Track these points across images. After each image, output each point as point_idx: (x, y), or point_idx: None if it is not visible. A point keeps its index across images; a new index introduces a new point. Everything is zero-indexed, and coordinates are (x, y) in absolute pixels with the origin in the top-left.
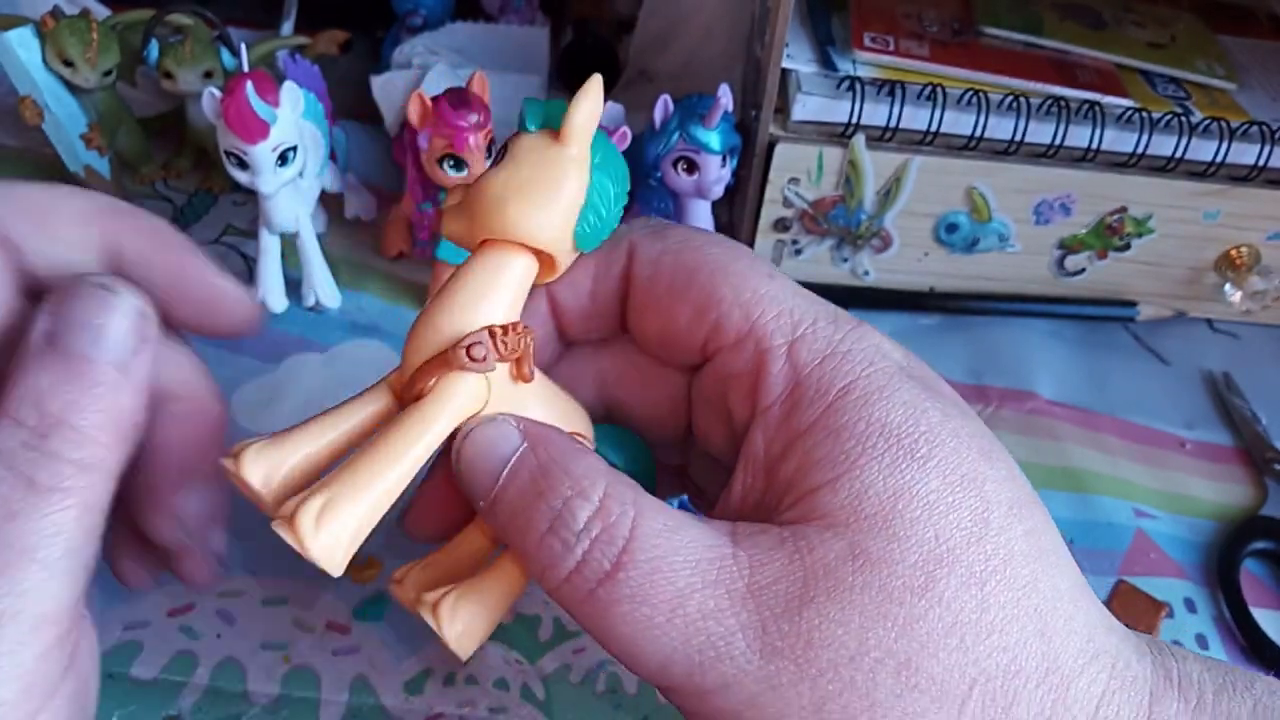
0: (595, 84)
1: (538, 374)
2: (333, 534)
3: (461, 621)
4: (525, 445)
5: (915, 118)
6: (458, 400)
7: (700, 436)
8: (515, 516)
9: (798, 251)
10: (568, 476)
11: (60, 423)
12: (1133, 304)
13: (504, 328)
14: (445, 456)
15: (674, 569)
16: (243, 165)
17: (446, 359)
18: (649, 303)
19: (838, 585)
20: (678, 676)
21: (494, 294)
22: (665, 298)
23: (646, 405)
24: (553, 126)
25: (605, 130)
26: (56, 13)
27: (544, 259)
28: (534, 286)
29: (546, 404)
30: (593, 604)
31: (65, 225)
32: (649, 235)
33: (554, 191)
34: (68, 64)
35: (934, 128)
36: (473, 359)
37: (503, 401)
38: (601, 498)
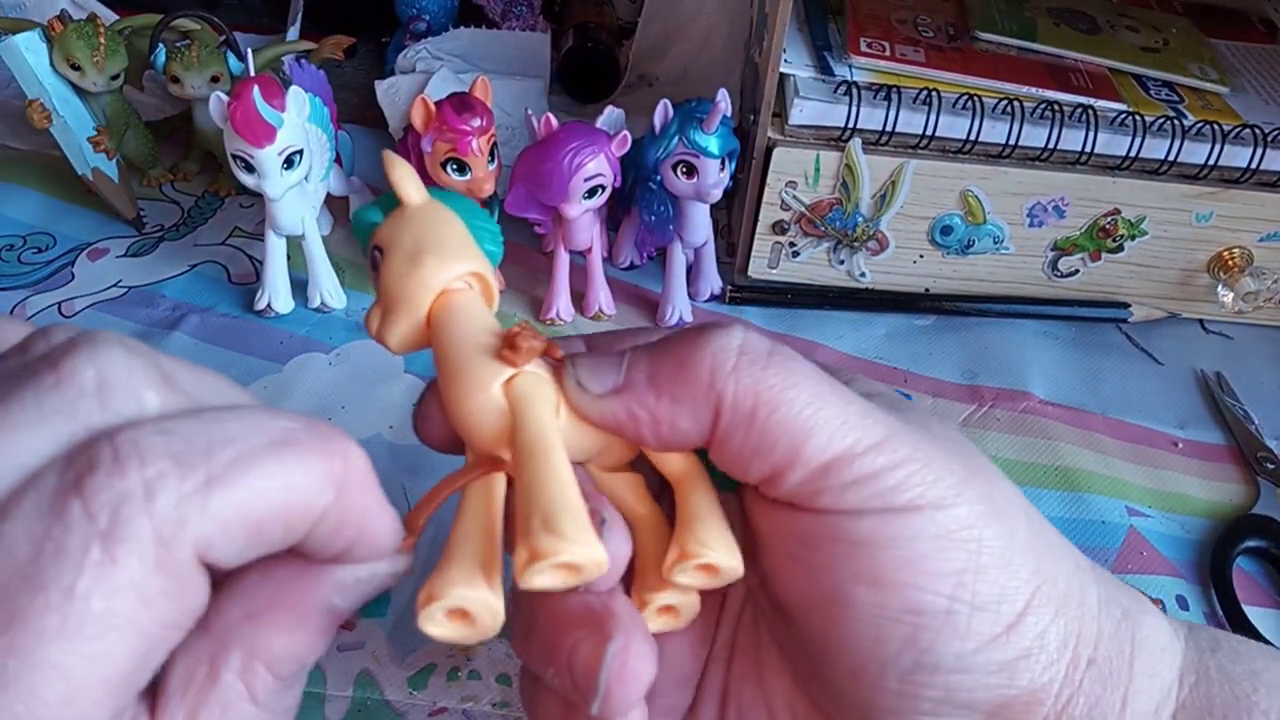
0: (391, 157)
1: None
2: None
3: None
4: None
5: (911, 122)
6: (541, 396)
7: None
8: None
9: (795, 254)
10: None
11: (287, 671)
12: (1125, 305)
13: (514, 331)
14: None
15: None
16: (249, 168)
17: (492, 375)
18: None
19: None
20: None
21: (486, 319)
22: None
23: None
24: (391, 208)
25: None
26: (64, 17)
27: (482, 283)
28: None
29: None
30: None
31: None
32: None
33: (450, 225)
34: (75, 68)
35: (929, 132)
36: (517, 349)
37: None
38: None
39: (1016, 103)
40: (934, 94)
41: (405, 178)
